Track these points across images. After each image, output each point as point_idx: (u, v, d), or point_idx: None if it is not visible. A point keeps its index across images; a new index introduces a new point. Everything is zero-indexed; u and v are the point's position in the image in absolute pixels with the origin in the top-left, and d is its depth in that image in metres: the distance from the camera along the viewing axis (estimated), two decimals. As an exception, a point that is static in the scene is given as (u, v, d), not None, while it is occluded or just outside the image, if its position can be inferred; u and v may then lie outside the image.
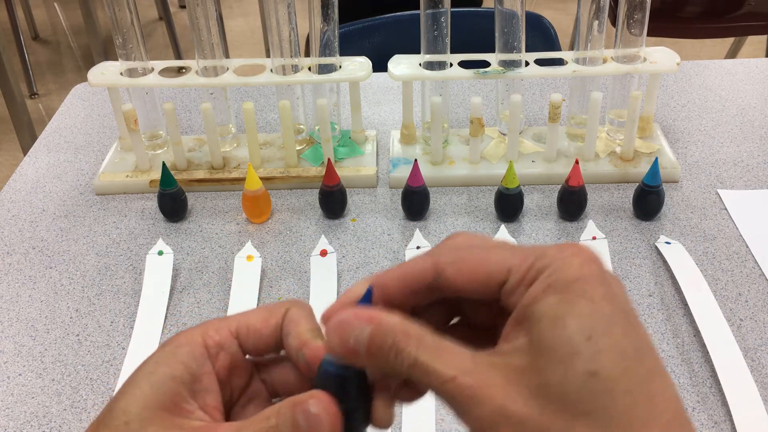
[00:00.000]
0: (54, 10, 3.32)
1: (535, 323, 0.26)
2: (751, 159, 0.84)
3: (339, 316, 0.29)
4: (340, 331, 0.29)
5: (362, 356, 0.28)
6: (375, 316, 0.28)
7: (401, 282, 0.30)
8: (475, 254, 0.29)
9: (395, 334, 0.28)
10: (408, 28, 1.20)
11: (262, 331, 0.33)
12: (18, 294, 0.70)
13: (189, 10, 0.77)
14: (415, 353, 0.27)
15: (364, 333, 0.28)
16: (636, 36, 0.78)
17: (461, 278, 0.29)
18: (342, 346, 0.29)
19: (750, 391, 0.56)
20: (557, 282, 0.27)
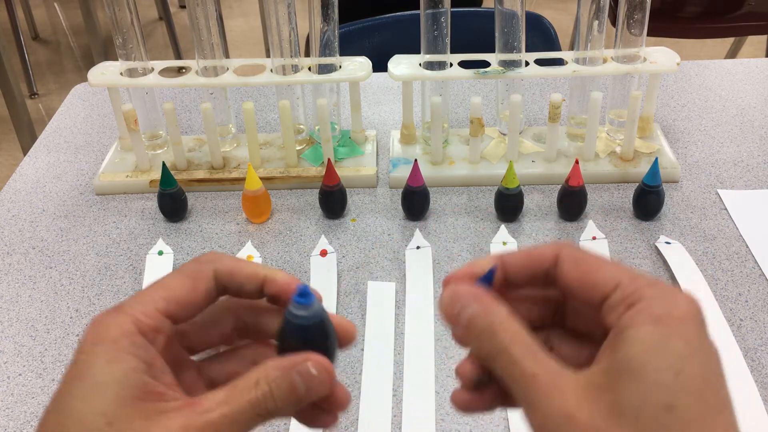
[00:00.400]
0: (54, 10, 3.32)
1: (627, 345, 0.27)
2: (751, 159, 0.84)
3: (456, 286, 0.31)
4: (452, 299, 0.31)
5: (460, 327, 0.30)
6: (485, 298, 0.30)
7: (523, 261, 0.32)
8: (593, 259, 0.31)
9: (496, 320, 0.30)
10: (408, 28, 1.20)
11: (192, 302, 0.33)
12: (18, 294, 0.70)
13: (189, 10, 0.77)
14: (507, 343, 0.29)
15: (470, 309, 0.30)
16: (636, 36, 0.78)
17: (574, 275, 0.30)
18: (448, 311, 0.31)
19: (750, 391, 0.56)
20: (660, 313, 0.27)
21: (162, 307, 0.32)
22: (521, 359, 0.28)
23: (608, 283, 0.29)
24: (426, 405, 0.57)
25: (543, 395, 0.27)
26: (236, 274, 0.34)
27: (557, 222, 0.76)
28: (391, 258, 0.72)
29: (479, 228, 0.75)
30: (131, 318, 0.31)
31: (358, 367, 0.61)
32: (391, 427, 0.56)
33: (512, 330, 0.29)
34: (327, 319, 0.32)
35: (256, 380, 0.30)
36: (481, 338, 0.30)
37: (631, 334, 0.27)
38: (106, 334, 0.31)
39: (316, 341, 0.32)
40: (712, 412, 0.26)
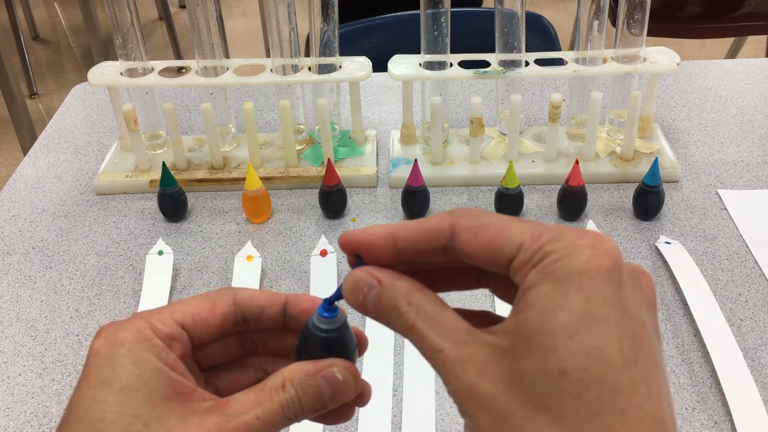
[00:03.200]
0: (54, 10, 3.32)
1: (525, 308, 0.26)
2: (751, 159, 0.84)
3: (354, 272, 0.30)
4: (354, 287, 0.30)
5: (370, 312, 0.30)
6: (383, 278, 0.29)
7: (416, 236, 0.29)
8: (494, 224, 0.28)
9: (398, 298, 0.29)
10: (408, 28, 1.20)
11: (209, 320, 0.33)
12: (18, 294, 0.70)
13: (189, 10, 0.77)
14: (413, 319, 0.28)
15: (372, 293, 0.29)
16: (636, 36, 0.78)
17: (474, 246, 0.28)
18: (353, 302, 0.30)
19: (750, 391, 0.56)
20: (559, 270, 0.25)
21: (179, 318, 0.32)
22: (427, 334, 0.28)
23: (512, 245, 0.27)
24: (426, 405, 0.57)
25: (450, 369, 0.27)
26: (256, 298, 0.34)
27: (557, 222, 0.76)
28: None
29: (479, 228, 0.75)
30: (148, 324, 0.31)
31: (358, 368, 0.61)
32: (391, 427, 0.56)
33: (416, 304, 0.28)
34: (350, 331, 0.33)
35: (283, 382, 0.30)
36: (390, 319, 0.29)
37: (530, 295, 0.26)
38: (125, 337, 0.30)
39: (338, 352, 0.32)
40: (614, 371, 0.24)
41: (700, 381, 0.58)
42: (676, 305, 0.65)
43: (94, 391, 0.29)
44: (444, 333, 0.28)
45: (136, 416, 0.28)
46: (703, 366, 0.60)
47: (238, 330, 0.34)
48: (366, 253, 0.30)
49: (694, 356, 0.60)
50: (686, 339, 0.62)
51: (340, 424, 0.34)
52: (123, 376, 0.29)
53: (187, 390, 0.30)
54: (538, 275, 0.26)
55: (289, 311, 0.34)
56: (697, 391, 0.58)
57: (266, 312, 0.34)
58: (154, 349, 0.30)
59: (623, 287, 0.26)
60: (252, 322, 0.34)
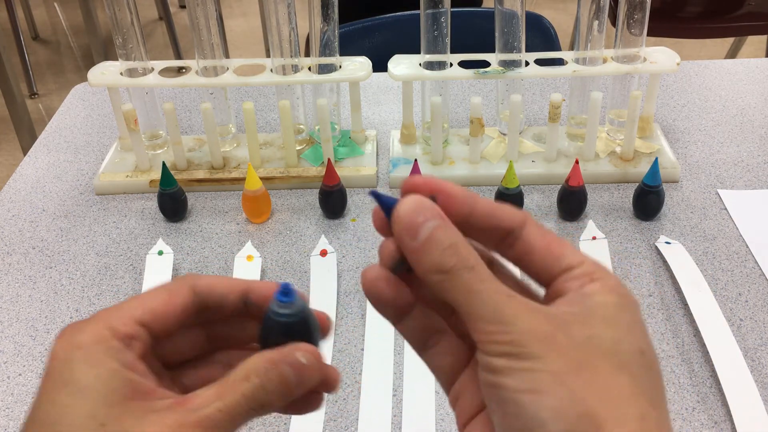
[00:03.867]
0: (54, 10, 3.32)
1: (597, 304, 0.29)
2: (751, 159, 0.84)
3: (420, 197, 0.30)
4: (416, 208, 0.29)
5: (419, 239, 0.29)
6: (445, 216, 0.29)
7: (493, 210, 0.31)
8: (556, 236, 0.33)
9: (460, 240, 0.29)
10: (408, 28, 1.20)
11: (168, 313, 0.32)
12: (18, 294, 0.70)
13: (189, 10, 0.77)
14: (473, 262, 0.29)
15: (434, 222, 0.29)
16: (636, 36, 0.78)
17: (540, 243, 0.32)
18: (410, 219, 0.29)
19: (750, 391, 0.56)
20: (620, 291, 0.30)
21: (137, 315, 0.31)
22: (492, 279, 0.28)
23: (575, 258, 0.31)
24: (426, 405, 0.57)
25: (517, 313, 0.28)
26: (216, 286, 0.33)
27: (557, 222, 0.76)
28: (391, 258, 0.72)
29: (479, 228, 0.75)
30: (105, 324, 0.31)
31: (358, 367, 0.61)
32: (391, 427, 0.56)
33: (474, 253, 0.29)
34: (311, 314, 0.32)
35: (246, 374, 0.30)
36: (445, 253, 0.28)
37: (598, 299, 0.29)
38: (82, 340, 0.30)
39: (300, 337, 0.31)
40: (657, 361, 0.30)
41: (700, 381, 0.58)
42: (676, 305, 0.65)
43: (52, 395, 0.29)
44: (507, 290, 0.29)
45: (93, 417, 0.28)
46: (703, 366, 0.60)
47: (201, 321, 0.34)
48: (445, 200, 0.30)
49: (694, 356, 0.60)
50: (686, 339, 0.62)
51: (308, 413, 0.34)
52: (80, 378, 0.29)
53: (147, 389, 0.30)
54: (604, 288, 0.30)
55: (249, 299, 0.33)
56: (697, 391, 0.58)
57: (228, 300, 0.33)
58: (111, 351, 0.30)
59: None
60: (214, 312, 0.34)
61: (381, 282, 0.30)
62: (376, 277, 0.30)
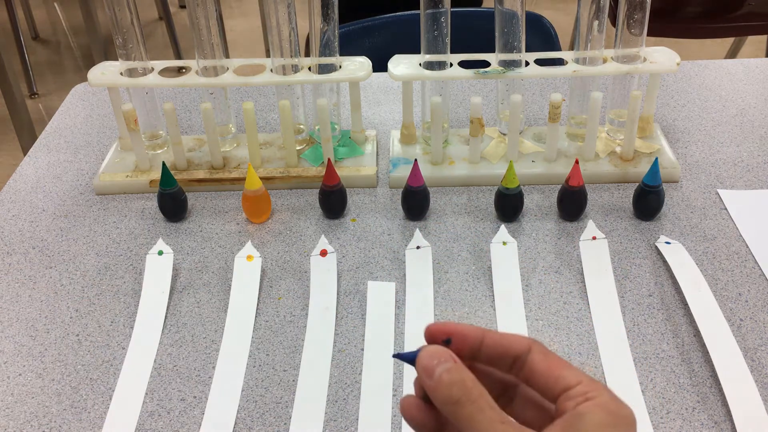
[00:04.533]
0: (54, 10, 3.32)
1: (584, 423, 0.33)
2: (751, 159, 0.84)
3: (436, 347, 0.36)
4: (432, 354, 0.35)
5: (434, 379, 0.35)
6: (458, 361, 0.35)
7: (501, 341, 0.37)
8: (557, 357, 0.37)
9: (466, 376, 0.35)
10: (408, 28, 1.20)
11: None
12: (18, 294, 0.70)
13: (189, 10, 0.77)
14: (476, 396, 0.34)
15: (446, 365, 0.35)
16: (636, 36, 0.78)
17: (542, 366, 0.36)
18: (427, 362, 0.35)
19: (750, 391, 0.56)
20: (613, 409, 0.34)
21: None
22: (490, 409, 0.33)
23: (572, 378, 0.35)
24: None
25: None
26: None
27: (557, 222, 0.76)
28: (391, 258, 0.72)
29: (479, 228, 0.75)
30: None
31: (358, 367, 0.61)
32: (391, 427, 0.56)
33: (479, 388, 0.34)
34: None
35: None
36: (452, 388, 0.34)
37: (588, 417, 0.33)
38: None
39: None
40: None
41: (700, 381, 0.58)
42: (676, 305, 0.65)
43: None
44: (502, 415, 0.34)
45: None
46: (703, 366, 0.60)
47: None
48: (459, 340, 0.37)
49: (694, 356, 0.60)
50: (686, 339, 0.62)
51: None
52: None
53: None
54: (597, 407, 0.34)
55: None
56: (697, 391, 0.58)
57: None
58: None
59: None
60: None
61: (413, 408, 0.37)
62: (410, 404, 0.37)
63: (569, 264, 0.70)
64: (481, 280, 0.69)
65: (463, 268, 0.70)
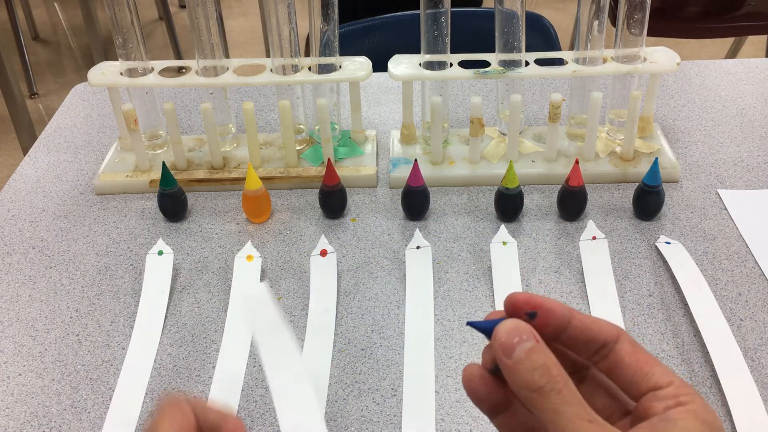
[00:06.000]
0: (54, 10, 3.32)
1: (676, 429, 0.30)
2: (751, 159, 0.84)
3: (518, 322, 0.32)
4: (513, 329, 0.32)
5: (513, 358, 0.31)
6: (542, 340, 0.32)
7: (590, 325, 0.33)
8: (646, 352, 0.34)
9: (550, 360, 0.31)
10: (408, 28, 1.20)
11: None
12: (18, 294, 0.70)
13: (189, 10, 0.77)
14: (561, 386, 0.30)
15: (529, 344, 0.31)
16: (636, 36, 0.78)
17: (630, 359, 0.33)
18: (507, 339, 0.31)
19: (750, 391, 0.56)
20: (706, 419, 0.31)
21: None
22: (576, 403, 0.30)
23: (664, 377, 0.32)
24: (426, 405, 0.57)
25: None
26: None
27: (557, 222, 0.76)
28: (391, 258, 0.72)
29: (479, 228, 0.75)
30: None
31: (358, 367, 0.61)
32: (391, 427, 0.56)
33: (564, 376, 0.31)
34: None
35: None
36: (536, 373, 0.31)
37: (681, 424, 0.30)
38: None
39: None
40: None
41: (700, 381, 0.58)
42: (676, 305, 0.65)
43: None
44: (588, 409, 0.30)
45: None
46: (703, 366, 0.60)
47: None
48: (545, 314, 0.33)
49: (694, 356, 0.60)
50: (686, 339, 0.62)
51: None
52: None
53: None
54: (689, 414, 0.31)
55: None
56: (697, 391, 0.58)
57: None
58: None
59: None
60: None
61: (477, 380, 0.34)
62: (473, 375, 0.34)
63: (569, 264, 0.70)
64: (481, 280, 0.69)
65: (463, 268, 0.70)
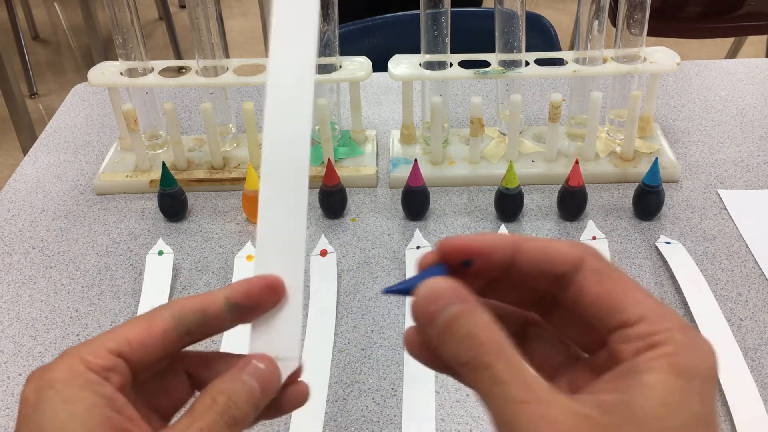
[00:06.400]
0: (54, 10, 3.32)
1: (642, 391, 0.24)
2: (751, 159, 0.84)
3: (436, 281, 0.27)
4: (430, 295, 0.27)
5: (435, 328, 0.27)
6: (469, 299, 0.27)
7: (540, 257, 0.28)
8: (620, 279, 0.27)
9: (478, 327, 0.26)
10: (408, 28, 1.20)
11: (147, 342, 0.30)
12: (18, 294, 0.70)
13: (189, 10, 0.77)
14: (493, 358, 0.25)
15: (451, 309, 0.26)
16: (636, 36, 0.78)
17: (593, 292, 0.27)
18: (424, 308, 0.27)
19: (750, 391, 0.56)
20: (683, 365, 0.25)
21: (112, 346, 0.30)
22: (507, 380, 0.25)
23: (633, 311, 0.26)
24: (426, 405, 0.57)
25: (531, 426, 0.24)
26: (192, 304, 0.32)
27: (557, 222, 0.76)
28: (391, 258, 0.72)
29: (479, 228, 0.75)
30: (78, 359, 0.29)
31: (359, 367, 0.61)
32: (391, 427, 0.56)
33: (498, 342, 0.26)
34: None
35: (212, 397, 0.30)
36: (460, 345, 0.26)
37: (649, 379, 0.24)
38: (53, 377, 0.28)
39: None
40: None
41: (700, 381, 0.58)
42: (676, 305, 0.65)
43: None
44: (526, 383, 0.25)
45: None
46: (703, 366, 0.60)
47: (183, 346, 0.33)
48: (483, 259, 0.28)
49: (694, 356, 0.60)
50: (686, 339, 0.62)
51: (290, 412, 0.34)
52: (54, 418, 0.27)
53: (125, 426, 0.28)
54: (662, 362, 0.25)
55: (232, 303, 0.33)
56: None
57: (209, 313, 0.32)
58: (87, 385, 0.28)
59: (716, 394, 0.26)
60: (197, 332, 0.32)
61: (416, 346, 0.30)
62: (413, 342, 0.30)
63: (569, 264, 0.70)
64: (481, 280, 0.69)
65: (463, 268, 0.70)
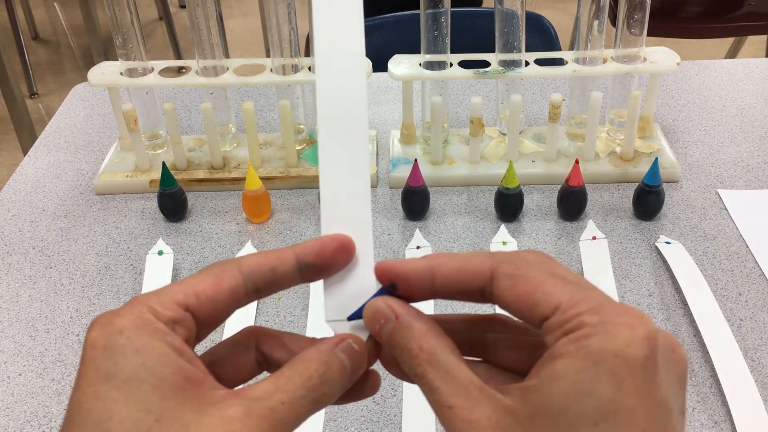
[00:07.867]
0: (54, 10, 3.32)
1: (551, 379, 0.25)
2: (751, 159, 0.84)
3: (374, 302, 0.30)
4: (372, 316, 0.30)
5: (385, 344, 0.30)
6: (401, 315, 0.29)
7: (455, 275, 0.29)
8: (534, 277, 0.28)
9: (411, 340, 0.28)
10: (408, 28, 1.20)
11: (216, 297, 0.29)
12: (18, 294, 0.70)
13: (189, 10, 0.77)
14: (424, 366, 0.28)
15: (388, 326, 0.29)
16: (636, 36, 0.78)
17: (510, 295, 0.28)
18: (371, 327, 0.30)
19: (750, 391, 0.56)
20: (593, 347, 0.24)
21: (180, 299, 0.28)
22: (438, 386, 0.27)
23: (548, 304, 0.26)
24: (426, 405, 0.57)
25: (458, 429, 0.26)
26: (263, 261, 0.31)
27: (557, 222, 0.76)
28: (391, 258, 0.72)
29: (479, 228, 0.75)
30: (147, 308, 0.28)
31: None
32: (391, 427, 0.56)
33: (429, 350, 0.28)
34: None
35: (305, 366, 0.28)
36: (401, 357, 0.29)
37: (558, 366, 0.25)
38: (123, 324, 0.27)
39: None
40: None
41: (700, 381, 0.58)
42: (676, 305, 0.65)
43: (96, 388, 0.26)
44: (456, 387, 0.27)
45: (147, 410, 0.25)
46: (703, 366, 0.60)
47: (247, 302, 0.31)
48: (402, 284, 0.30)
49: (694, 356, 0.60)
50: (686, 339, 0.62)
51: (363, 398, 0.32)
52: (126, 367, 0.26)
53: (198, 377, 0.27)
54: (571, 346, 0.25)
55: (303, 262, 0.31)
56: (697, 391, 0.58)
57: (278, 272, 0.31)
58: (157, 334, 0.27)
59: (657, 372, 0.25)
60: (265, 290, 0.31)
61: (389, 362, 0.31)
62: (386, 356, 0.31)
63: (569, 264, 0.70)
64: (481, 280, 0.69)
65: (463, 268, 0.70)
